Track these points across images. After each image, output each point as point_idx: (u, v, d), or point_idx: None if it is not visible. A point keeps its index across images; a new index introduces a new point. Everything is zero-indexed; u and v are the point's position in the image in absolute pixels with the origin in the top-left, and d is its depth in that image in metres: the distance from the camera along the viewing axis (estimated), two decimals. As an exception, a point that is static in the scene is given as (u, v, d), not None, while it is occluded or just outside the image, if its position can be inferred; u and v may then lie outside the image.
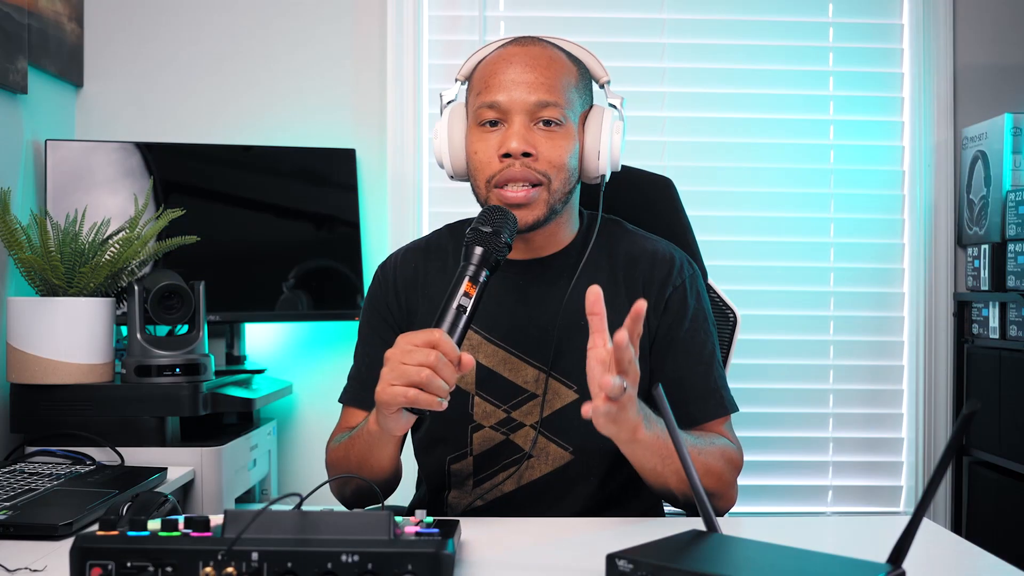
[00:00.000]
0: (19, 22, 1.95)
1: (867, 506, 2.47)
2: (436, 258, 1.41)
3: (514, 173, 1.26)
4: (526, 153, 1.26)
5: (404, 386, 1.08)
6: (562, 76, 1.30)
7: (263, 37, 2.40)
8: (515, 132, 1.26)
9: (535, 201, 1.27)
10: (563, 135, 1.28)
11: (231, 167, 2.26)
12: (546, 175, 1.27)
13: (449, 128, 1.34)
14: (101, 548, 0.84)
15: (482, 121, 1.29)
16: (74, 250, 1.72)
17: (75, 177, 2.07)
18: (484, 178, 1.29)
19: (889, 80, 2.49)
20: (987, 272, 2.29)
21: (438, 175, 2.42)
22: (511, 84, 1.27)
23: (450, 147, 1.34)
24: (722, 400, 1.35)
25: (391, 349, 1.11)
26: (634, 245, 1.39)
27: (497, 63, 1.30)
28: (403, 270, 1.41)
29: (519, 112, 1.27)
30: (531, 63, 1.29)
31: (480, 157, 1.29)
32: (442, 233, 1.46)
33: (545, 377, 1.32)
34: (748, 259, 2.45)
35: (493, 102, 1.28)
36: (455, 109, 1.36)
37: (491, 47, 1.35)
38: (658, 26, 2.47)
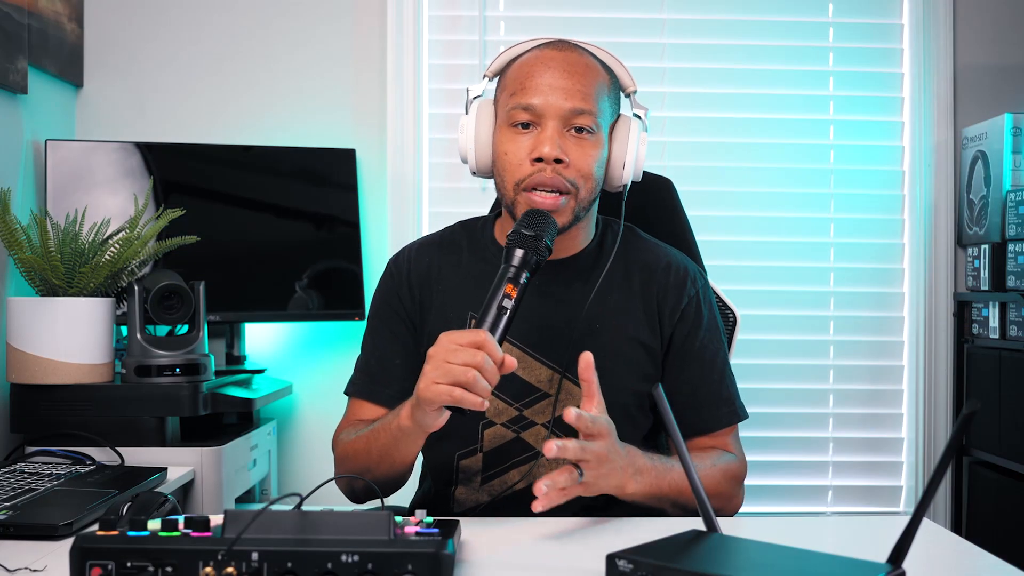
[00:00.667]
0: (19, 22, 1.95)
1: (867, 506, 2.47)
2: (451, 253, 1.41)
3: (544, 179, 1.26)
4: (558, 160, 1.26)
5: (449, 385, 1.08)
6: (596, 84, 1.30)
7: (263, 37, 2.40)
8: (548, 137, 1.26)
9: (563, 208, 1.28)
10: (594, 144, 1.29)
11: (231, 167, 2.26)
12: (575, 184, 1.28)
13: (477, 124, 1.34)
14: (101, 548, 0.84)
15: (514, 122, 1.29)
16: (74, 250, 1.72)
17: (75, 177, 2.07)
18: (513, 180, 1.29)
19: (889, 80, 2.49)
20: (987, 272, 2.29)
21: (438, 175, 2.42)
22: (548, 88, 1.27)
23: (476, 144, 1.34)
24: (734, 408, 1.39)
25: (434, 347, 1.11)
26: (649, 254, 1.41)
27: (534, 65, 1.30)
28: (417, 264, 1.41)
29: (553, 117, 1.27)
30: (569, 69, 1.29)
31: (510, 159, 1.29)
32: (455, 229, 1.46)
33: (559, 377, 1.33)
34: (748, 259, 2.45)
35: (528, 104, 1.28)
36: (483, 105, 1.35)
37: (524, 46, 1.35)
38: (658, 26, 2.47)
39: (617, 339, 1.35)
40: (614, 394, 1.32)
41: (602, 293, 1.34)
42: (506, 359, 1.10)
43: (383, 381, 1.37)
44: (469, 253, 1.41)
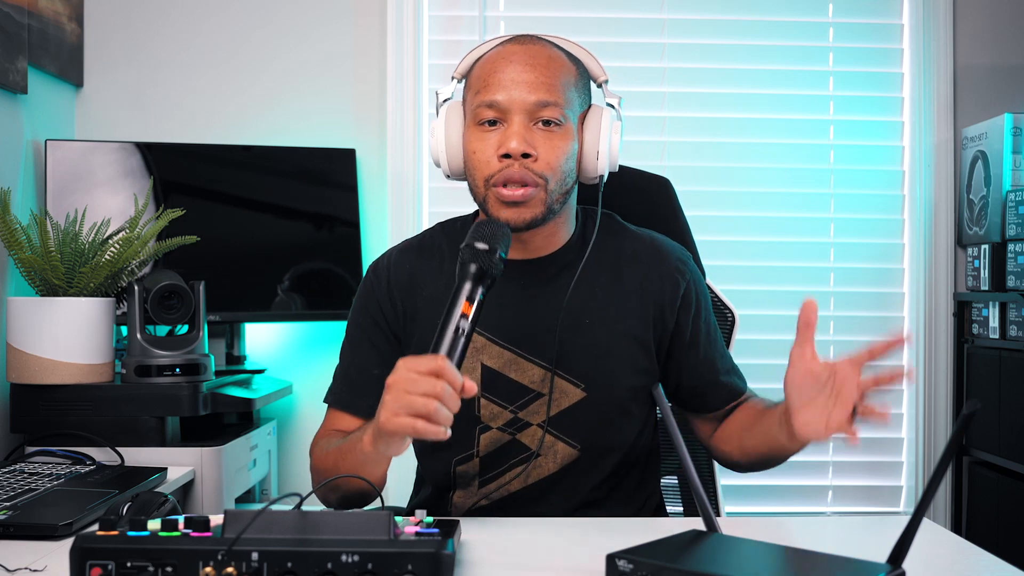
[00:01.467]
0: (19, 22, 1.95)
1: (867, 506, 2.47)
2: (431, 258, 1.39)
3: (512, 174, 1.25)
4: (525, 154, 1.25)
5: (411, 417, 1.05)
6: (561, 75, 1.29)
7: (263, 37, 2.40)
8: (514, 132, 1.25)
9: (532, 199, 1.26)
10: (562, 136, 1.28)
11: (231, 167, 2.26)
12: (544, 176, 1.26)
13: (446, 127, 1.33)
14: (101, 548, 0.84)
15: (481, 120, 1.28)
16: (74, 250, 1.72)
17: (75, 177, 2.07)
18: (482, 177, 1.28)
19: (889, 80, 2.49)
20: (987, 272, 2.29)
21: (438, 175, 2.40)
22: (510, 83, 1.26)
23: (447, 146, 1.33)
24: (740, 373, 1.44)
25: (393, 375, 1.08)
26: (634, 241, 1.40)
27: (496, 61, 1.29)
28: (396, 272, 1.39)
29: (518, 112, 1.26)
30: (531, 62, 1.28)
31: (479, 156, 1.28)
32: (435, 232, 1.44)
33: (551, 376, 1.32)
34: (748, 259, 2.45)
35: (492, 101, 1.27)
36: (452, 107, 1.35)
37: (488, 45, 1.34)
38: (658, 26, 2.47)
39: (608, 333, 1.34)
40: (608, 388, 1.32)
41: (590, 286, 1.33)
42: (466, 383, 1.07)
43: (362, 392, 1.35)
44: (450, 256, 1.37)
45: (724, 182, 2.47)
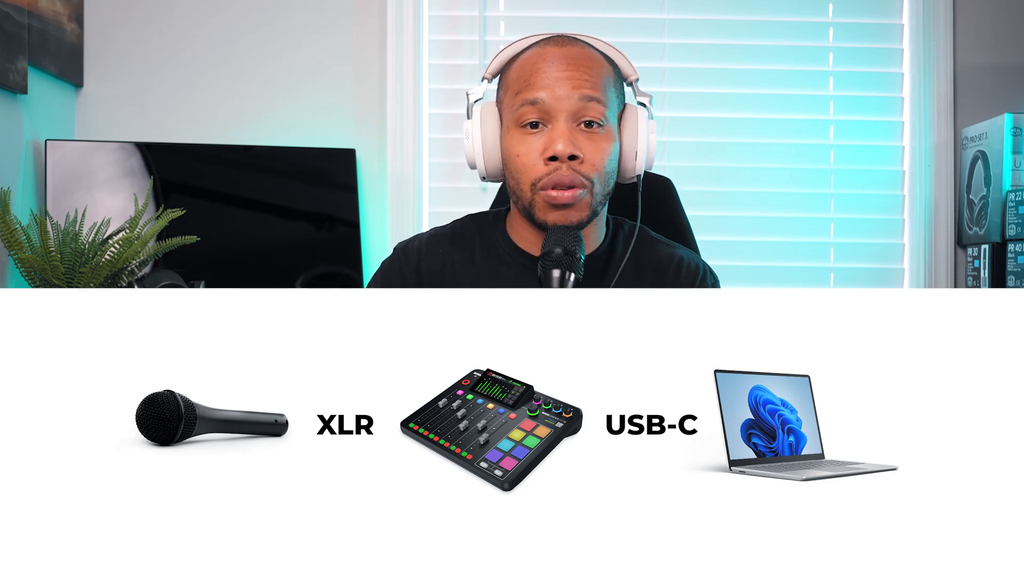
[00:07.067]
0: (19, 22, 1.95)
1: (867, 506, 2.47)
2: (464, 247, 1.38)
3: (561, 177, 1.24)
4: (572, 156, 1.24)
5: None
6: (602, 75, 1.28)
7: (263, 37, 2.40)
8: (560, 134, 1.24)
9: (580, 202, 1.26)
10: (605, 137, 1.27)
11: (231, 167, 2.26)
12: (590, 178, 1.26)
13: (483, 129, 1.31)
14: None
15: (523, 122, 1.26)
16: (74, 250, 1.72)
17: (75, 177, 2.08)
18: (528, 181, 1.27)
19: (889, 80, 2.49)
20: (987, 272, 2.29)
21: (438, 175, 2.42)
22: (554, 82, 1.25)
23: (484, 148, 1.31)
24: None
25: None
26: (661, 252, 1.39)
27: (537, 61, 1.28)
28: (428, 255, 1.38)
29: (563, 112, 1.25)
30: (572, 62, 1.27)
31: (523, 160, 1.27)
32: (466, 223, 1.43)
33: None
34: (748, 259, 2.46)
35: (536, 98, 1.25)
36: (487, 109, 1.33)
37: (522, 44, 1.33)
38: (658, 26, 2.47)
39: None
40: None
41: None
42: None
43: None
44: (481, 249, 1.38)
45: (724, 182, 2.47)
